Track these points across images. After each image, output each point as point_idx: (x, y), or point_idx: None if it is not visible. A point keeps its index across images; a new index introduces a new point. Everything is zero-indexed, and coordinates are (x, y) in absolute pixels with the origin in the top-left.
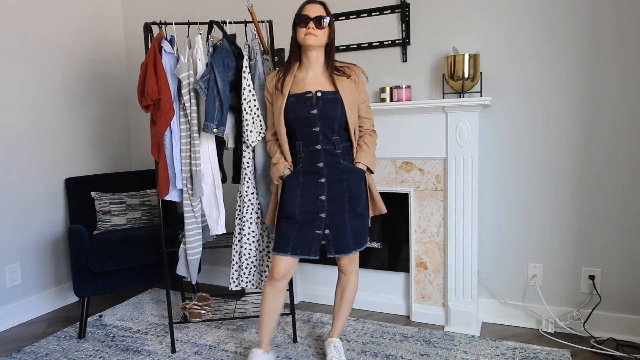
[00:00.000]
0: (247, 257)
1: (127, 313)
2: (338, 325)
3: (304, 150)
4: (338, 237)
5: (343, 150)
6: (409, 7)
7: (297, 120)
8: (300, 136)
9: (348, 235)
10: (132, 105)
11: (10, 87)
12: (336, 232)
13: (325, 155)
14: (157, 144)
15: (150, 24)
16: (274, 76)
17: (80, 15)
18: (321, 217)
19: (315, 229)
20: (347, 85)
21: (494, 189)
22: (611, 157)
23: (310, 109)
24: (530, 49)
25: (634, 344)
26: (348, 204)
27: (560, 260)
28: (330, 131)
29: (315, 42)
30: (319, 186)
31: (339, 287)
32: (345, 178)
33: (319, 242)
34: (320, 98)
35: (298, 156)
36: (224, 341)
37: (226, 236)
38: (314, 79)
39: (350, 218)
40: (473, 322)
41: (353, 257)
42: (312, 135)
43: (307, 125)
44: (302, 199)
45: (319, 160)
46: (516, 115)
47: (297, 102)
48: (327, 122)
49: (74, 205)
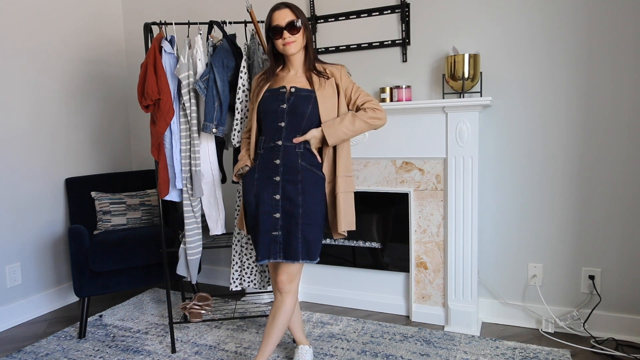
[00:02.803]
0: (248, 257)
1: (127, 313)
2: (265, 352)
3: (264, 147)
4: (287, 242)
5: (304, 150)
6: (409, 7)
7: (266, 114)
8: (265, 131)
9: (298, 241)
10: (132, 105)
11: (10, 87)
12: (286, 236)
13: (284, 151)
14: (157, 144)
15: (150, 24)
16: (259, 77)
17: (80, 15)
18: (275, 218)
19: (272, 230)
20: (329, 85)
21: (494, 189)
22: (611, 157)
23: (280, 104)
24: (530, 49)
25: (634, 344)
26: (302, 207)
27: (560, 260)
28: (296, 128)
29: (296, 48)
30: (274, 184)
31: (272, 309)
32: (300, 179)
33: (278, 244)
34: (294, 94)
35: (257, 152)
36: (224, 341)
37: (226, 236)
38: (294, 77)
39: (303, 224)
40: (473, 322)
41: (293, 275)
42: (277, 130)
43: (274, 120)
44: (259, 199)
45: (276, 157)
46: (516, 115)
47: (271, 96)
48: (294, 118)
49: (74, 205)
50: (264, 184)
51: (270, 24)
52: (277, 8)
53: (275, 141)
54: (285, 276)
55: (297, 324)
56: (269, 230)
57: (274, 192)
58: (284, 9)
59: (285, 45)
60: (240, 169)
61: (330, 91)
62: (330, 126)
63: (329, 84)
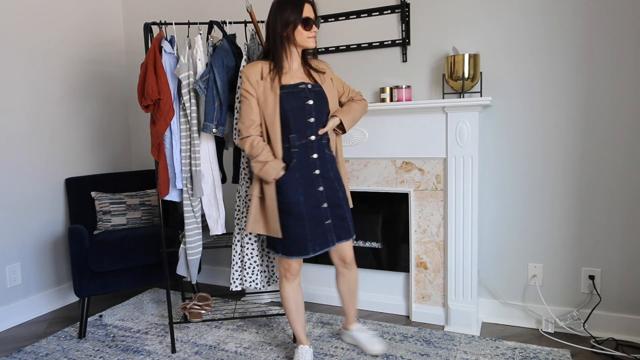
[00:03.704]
0: (249, 257)
1: (127, 313)
2: (353, 312)
3: (299, 144)
4: (339, 225)
5: (327, 140)
6: (409, 7)
7: (292, 111)
8: (295, 128)
9: (347, 221)
10: (132, 105)
11: (10, 86)
12: (337, 220)
13: (317, 146)
14: (157, 144)
15: (150, 24)
16: (255, 68)
17: (80, 14)
18: (324, 208)
19: (324, 221)
20: (327, 80)
21: (494, 188)
22: (611, 157)
23: (305, 100)
24: (530, 49)
25: (633, 344)
26: (340, 191)
27: (560, 260)
28: (320, 122)
29: (315, 43)
30: (315, 178)
31: (344, 283)
32: (331, 167)
33: (332, 231)
34: (311, 89)
35: (292, 150)
36: (224, 341)
37: (226, 236)
38: (295, 72)
39: (346, 205)
40: (473, 322)
41: (352, 248)
42: (307, 126)
43: (302, 116)
44: (305, 196)
45: (312, 152)
46: (516, 115)
47: (291, 93)
48: (319, 112)
49: (74, 205)
50: (308, 179)
51: (301, 15)
52: (308, 1)
53: (307, 137)
54: (349, 252)
55: (300, 322)
56: (322, 221)
57: (318, 185)
58: (312, 4)
59: (310, 37)
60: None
61: (330, 85)
62: (347, 115)
63: (327, 78)
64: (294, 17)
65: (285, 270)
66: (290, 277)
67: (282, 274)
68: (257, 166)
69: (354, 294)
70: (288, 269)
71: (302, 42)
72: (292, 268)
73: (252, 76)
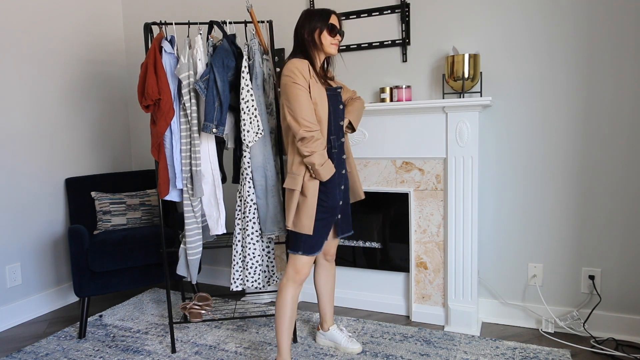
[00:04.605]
0: (251, 257)
1: (127, 313)
2: (331, 312)
3: (338, 145)
4: (345, 220)
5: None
6: (409, 7)
7: (334, 114)
8: (333, 130)
9: (350, 216)
10: (132, 105)
11: (10, 86)
12: (344, 216)
13: (344, 147)
14: (157, 144)
15: (150, 24)
16: (304, 65)
17: (80, 15)
18: (340, 205)
19: (337, 216)
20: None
21: (494, 188)
22: (610, 157)
23: (339, 104)
24: (530, 49)
25: (633, 344)
26: (347, 189)
27: (560, 260)
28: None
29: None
30: (343, 177)
31: (323, 277)
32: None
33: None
34: (340, 94)
35: (332, 151)
36: (224, 341)
37: (226, 236)
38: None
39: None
40: (473, 322)
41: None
42: (340, 129)
43: (337, 119)
44: (342, 191)
45: (342, 153)
46: (516, 115)
47: (333, 96)
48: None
49: (74, 205)
50: (338, 179)
51: (328, 21)
52: (334, 13)
53: (340, 139)
54: (335, 246)
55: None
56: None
57: (342, 184)
58: (338, 17)
59: (333, 44)
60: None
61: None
62: (357, 117)
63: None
64: (321, 23)
65: (296, 272)
66: (299, 280)
67: (291, 277)
68: (320, 160)
69: (333, 290)
70: (300, 271)
71: (326, 46)
72: (305, 270)
73: (305, 72)
